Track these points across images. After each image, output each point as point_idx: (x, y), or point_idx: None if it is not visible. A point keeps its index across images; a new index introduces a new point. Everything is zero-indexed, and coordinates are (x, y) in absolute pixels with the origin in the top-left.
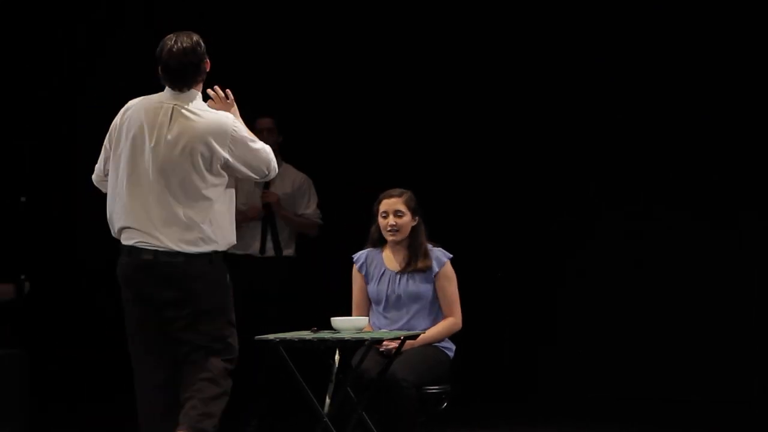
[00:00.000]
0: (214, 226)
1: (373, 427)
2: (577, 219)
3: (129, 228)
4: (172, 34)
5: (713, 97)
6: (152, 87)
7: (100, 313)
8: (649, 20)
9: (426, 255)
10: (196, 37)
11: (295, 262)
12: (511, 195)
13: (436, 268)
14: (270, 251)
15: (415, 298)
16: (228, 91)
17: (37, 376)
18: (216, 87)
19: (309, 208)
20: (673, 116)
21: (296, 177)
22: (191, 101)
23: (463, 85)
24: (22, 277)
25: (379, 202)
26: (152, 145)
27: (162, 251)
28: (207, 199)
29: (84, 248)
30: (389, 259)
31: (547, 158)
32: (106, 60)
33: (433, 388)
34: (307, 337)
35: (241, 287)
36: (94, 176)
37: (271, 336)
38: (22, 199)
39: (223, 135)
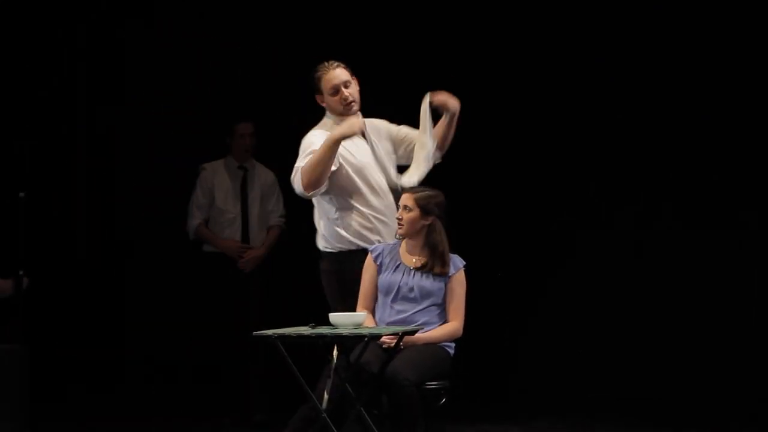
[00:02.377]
0: (325, 226)
1: (371, 423)
2: (577, 219)
3: None
4: None
5: (713, 97)
6: (150, 85)
7: (99, 309)
8: (649, 20)
9: (445, 262)
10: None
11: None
12: (511, 195)
13: (452, 272)
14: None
15: (427, 294)
16: None
17: (37, 372)
18: None
19: (277, 206)
20: (673, 116)
21: (267, 175)
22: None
23: (461, 83)
24: (21, 272)
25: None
26: None
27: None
28: (319, 202)
29: (83, 244)
30: (405, 255)
31: (547, 158)
32: (105, 59)
33: (432, 384)
34: (305, 333)
35: (227, 284)
36: None
37: (269, 332)
38: (21, 194)
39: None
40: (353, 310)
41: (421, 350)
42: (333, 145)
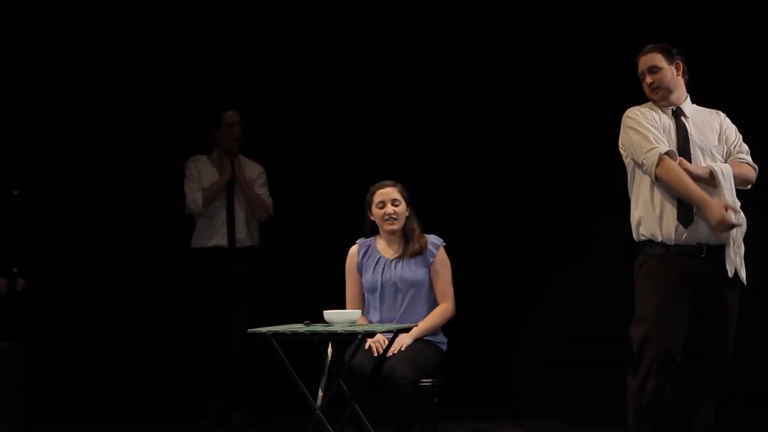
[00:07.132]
0: None
1: (365, 421)
2: (577, 218)
3: None
4: None
5: (712, 96)
6: (146, 82)
7: (95, 308)
8: (649, 20)
9: (419, 242)
10: None
11: (258, 253)
12: (511, 193)
13: (431, 255)
14: (240, 242)
15: (411, 284)
16: None
17: (32, 371)
18: None
19: (260, 191)
20: None
21: (253, 168)
22: None
23: (456, 82)
24: (15, 270)
25: (373, 194)
26: None
27: None
28: None
29: (79, 242)
30: (384, 249)
31: (547, 157)
32: (103, 57)
33: (427, 381)
34: (300, 330)
35: (214, 278)
36: None
37: (263, 329)
38: (15, 192)
39: None
40: None
41: (415, 347)
42: None
